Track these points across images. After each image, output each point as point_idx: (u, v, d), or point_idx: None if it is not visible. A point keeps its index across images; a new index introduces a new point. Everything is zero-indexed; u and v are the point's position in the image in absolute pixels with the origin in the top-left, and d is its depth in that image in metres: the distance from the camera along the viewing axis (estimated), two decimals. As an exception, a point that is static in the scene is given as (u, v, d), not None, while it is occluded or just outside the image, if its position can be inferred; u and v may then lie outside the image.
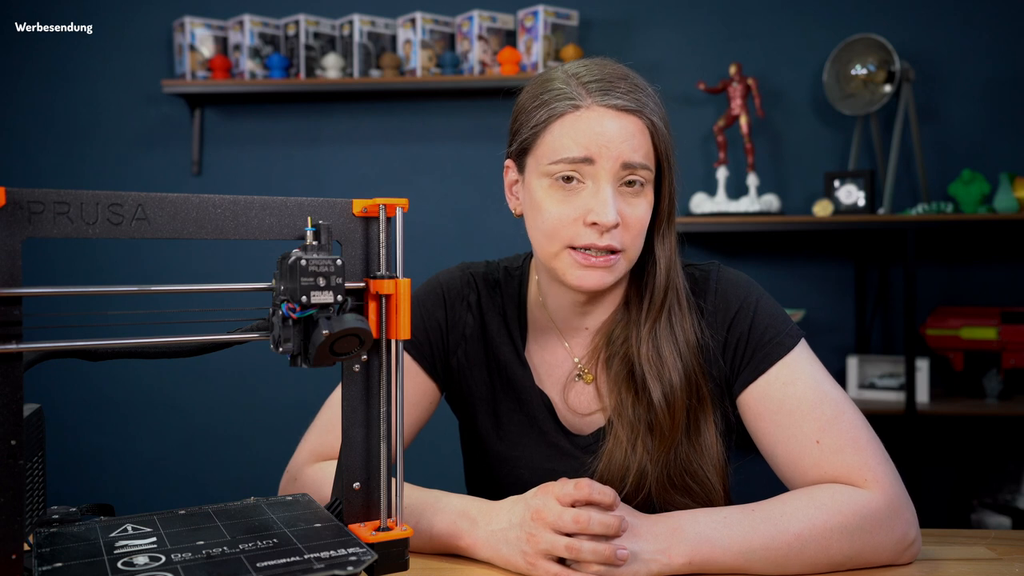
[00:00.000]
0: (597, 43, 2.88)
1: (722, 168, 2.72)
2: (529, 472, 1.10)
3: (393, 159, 2.99)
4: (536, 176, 1.01)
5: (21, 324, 0.62)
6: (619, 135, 0.97)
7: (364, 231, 0.76)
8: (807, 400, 0.98)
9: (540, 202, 1.00)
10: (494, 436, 1.13)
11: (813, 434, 0.96)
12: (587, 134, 0.97)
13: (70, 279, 2.97)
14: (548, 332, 1.12)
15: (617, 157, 0.96)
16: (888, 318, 2.85)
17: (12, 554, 0.62)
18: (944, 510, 2.79)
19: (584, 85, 0.98)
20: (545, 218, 0.99)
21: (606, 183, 0.97)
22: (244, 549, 0.69)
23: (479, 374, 1.13)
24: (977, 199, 2.59)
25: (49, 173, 3.02)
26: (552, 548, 0.85)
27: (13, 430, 0.62)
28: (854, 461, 0.94)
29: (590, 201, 0.97)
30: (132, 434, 3.04)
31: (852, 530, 0.89)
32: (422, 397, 1.13)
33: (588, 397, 1.10)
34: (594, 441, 1.08)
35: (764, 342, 1.02)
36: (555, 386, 1.12)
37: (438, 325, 1.13)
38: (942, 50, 2.78)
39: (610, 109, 0.97)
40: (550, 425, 1.10)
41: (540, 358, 1.12)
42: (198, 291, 0.70)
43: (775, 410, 0.99)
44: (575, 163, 0.97)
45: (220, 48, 2.92)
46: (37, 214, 0.63)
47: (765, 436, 1.00)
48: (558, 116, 0.98)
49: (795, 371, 1.00)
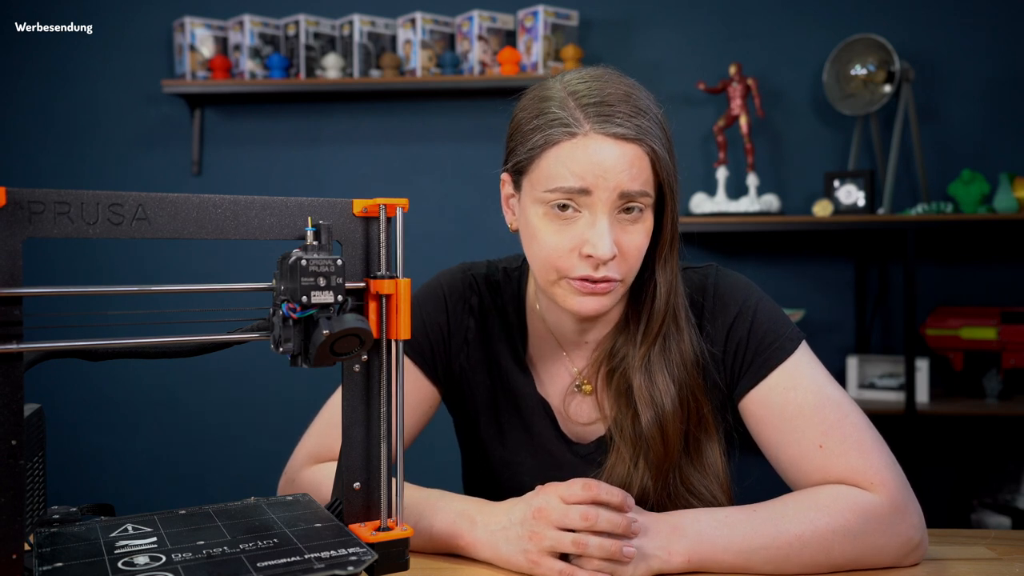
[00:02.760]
0: (597, 43, 2.88)
1: (722, 168, 2.72)
2: (530, 478, 1.08)
3: (393, 159, 2.99)
4: (531, 201, 0.98)
5: (21, 324, 0.62)
6: (617, 164, 0.92)
7: (364, 231, 0.76)
8: (809, 405, 0.97)
9: (535, 230, 0.97)
10: (496, 442, 1.13)
11: (816, 439, 0.95)
12: (584, 164, 0.92)
13: (70, 279, 2.97)
14: (548, 340, 1.11)
15: (615, 187, 0.92)
16: (888, 318, 2.85)
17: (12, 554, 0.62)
18: (944, 510, 2.79)
19: (583, 108, 0.94)
20: (541, 247, 0.97)
21: (602, 214, 0.93)
22: (244, 549, 0.69)
23: (480, 379, 1.12)
24: (977, 199, 2.59)
25: (49, 173, 3.02)
26: (557, 544, 0.85)
27: (13, 430, 0.62)
28: (858, 464, 0.93)
29: (586, 232, 0.94)
30: (132, 434, 3.04)
31: (854, 532, 0.89)
32: (422, 401, 1.11)
33: (588, 407, 1.09)
34: (595, 450, 1.08)
35: (764, 347, 1.01)
36: (556, 394, 1.11)
37: (439, 329, 1.11)
38: (942, 50, 2.78)
39: (608, 137, 0.92)
40: (550, 432, 1.10)
41: (541, 365, 1.12)
42: (198, 291, 0.70)
43: (777, 415, 0.98)
44: (571, 193, 0.93)
45: (220, 48, 2.92)
46: (37, 214, 0.63)
47: (768, 441, 1.00)
48: (554, 143, 0.94)
49: (796, 376, 0.99)
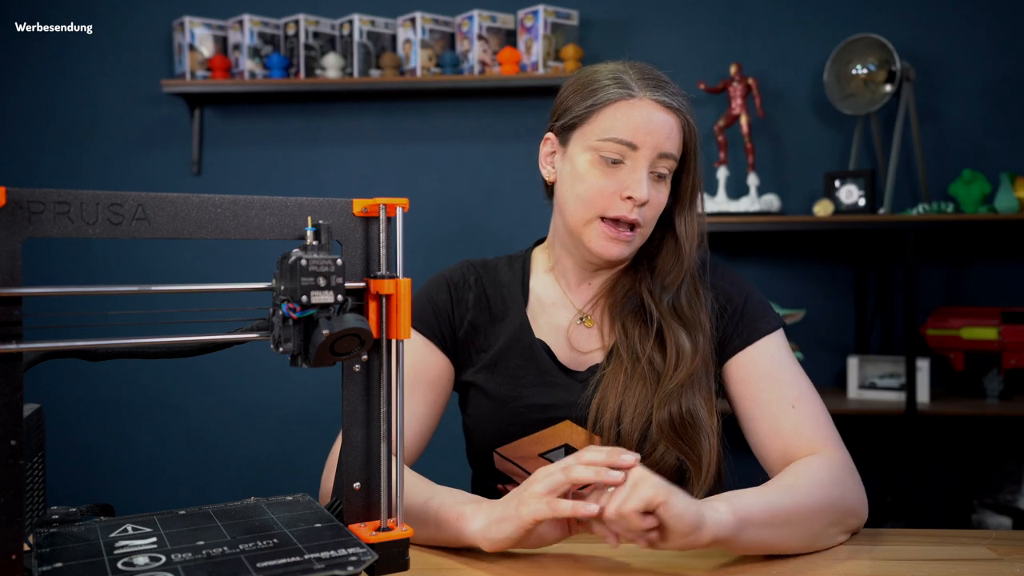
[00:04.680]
0: (597, 43, 2.88)
1: (722, 168, 2.71)
2: (526, 409, 1.14)
3: (393, 159, 2.99)
4: (582, 149, 1.13)
5: (21, 324, 0.62)
6: (663, 128, 1.10)
7: (364, 231, 0.76)
8: (787, 371, 1.12)
9: (583, 173, 1.12)
10: (493, 383, 1.17)
11: (790, 400, 1.09)
12: (637, 120, 1.09)
13: (70, 279, 2.96)
14: (552, 291, 1.23)
15: (656, 146, 1.10)
16: (888, 318, 2.85)
17: (12, 554, 0.62)
18: (944, 510, 2.79)
19: (639, 80, 1.12)
20: (586, 187, 1.12)
21: (643, 166, 1.10)
22: (244, 549, 0.69)
23: (481, 335, 1.21)
24: (978, 199, 2.59)
25: (49, 173, 3.02)
26: (552, 482, 0.86)
27: (13, 430, 0.62)
28: (823, 427, 1.08)
29: (628, 179, 1.10)
30: (132, 434, 3.04)
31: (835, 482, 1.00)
32: (439, 374, 1.19)
33: (588, 337, 1.19)
34: (591, 375, 1.16)
35: (756, 317, 1.16)
36: (555, 331, 1.20)
37: (444, 305, 1.22)
38: (942, 50, 2.78)
39: (658, 104, 1.11)
40: (548, 364, 1.17)
41: (541, 313, 1.21)
42: (198, 291, 0.70)
43: (761, 375, 1.12)
44: (621, 144, 1.09)
45: (220, 48, 2.92)
46: (37, 214, 0.63)
47: (747, 399, 1.12)
48: (613, 101, 1.11)
49: (778, 347, 1.15)
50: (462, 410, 1.24)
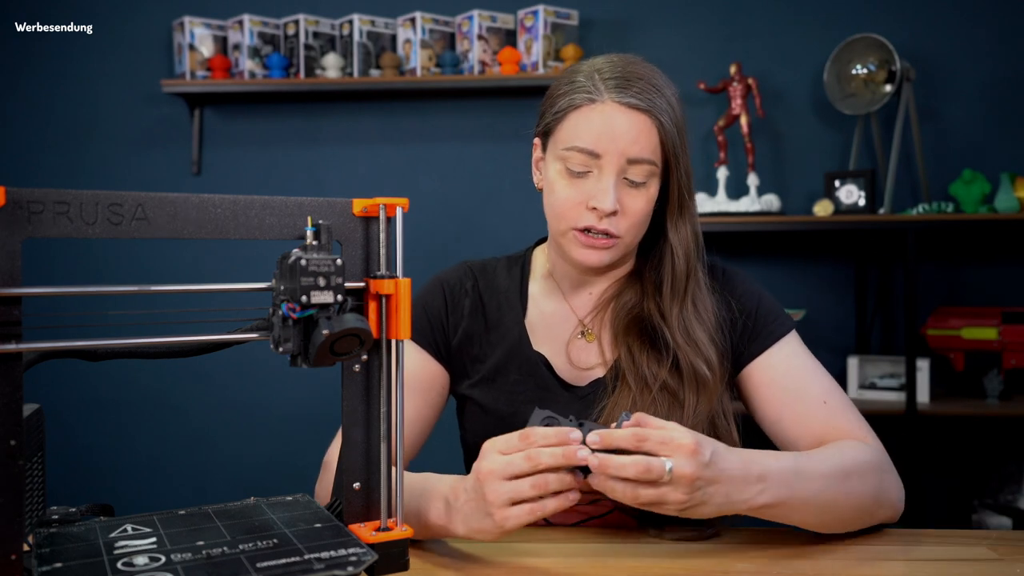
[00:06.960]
0: (597, 43, 2.88)
1: (722, 168, 2.71)
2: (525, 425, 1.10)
3: (393, 159, 2.99)
4: (553, 158, 1.10)
5: (21, 324, 0.62)
6: (628, 132, 1.05)
7: (364, 231, 0.76)
8: (810, 370, 1.11)
9: (553, 183, 1.10)
10: (490, 398, 1.15)
11: (820, 396, 1.08)
12: (597, 127, 1.05)
13: (70, 279, 2.96)
14: (551, 298, 1.19)
15: (622, 152, 1.05)
16: (888, 318, 2.85)
17: (12, 554, 0.62)
18: (945, 511, 2.79)
19: (604, 81, 1.07)
20: (555, 198, 1.09)
21: (609, 174, 1.05)
22: (244, 549, 0.69)
23: (476, 344, 1.18)
24: (978, 199, 2.59)
25: (49, 173, 3.02)
26: (515, 493, 0.83)
27: (13, 430, 0.62)
28: (857, 421, 1.07)
29: (593, 188, 1.06)
30: (132, 434, 3.04)
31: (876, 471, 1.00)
32: (433, 382, 1.17)
33: (589, 352, 1.16)
34: (592, 391, 1.12)
35: (770, 320, 1.14)
36: (555, 344, 1.17)
37: (439, 312, 1.20)
38: (942, 50, 2.78)
39: (622, 106, 1.05)
40: (548, 379, 1.15)
41: (540, 323, 1.18)
42: (198, 291, 0.70)
43: (783, 376, 1.10)
44: (583, 153, 1.06)
45: (220, 48, 2.92)
46: (37, 214, 0.63)
47: (773, 401, 1.10)
48: (577, 107, 1.07)
49: (796, 347, 1.13)
50: (459, 423, 1.22)
